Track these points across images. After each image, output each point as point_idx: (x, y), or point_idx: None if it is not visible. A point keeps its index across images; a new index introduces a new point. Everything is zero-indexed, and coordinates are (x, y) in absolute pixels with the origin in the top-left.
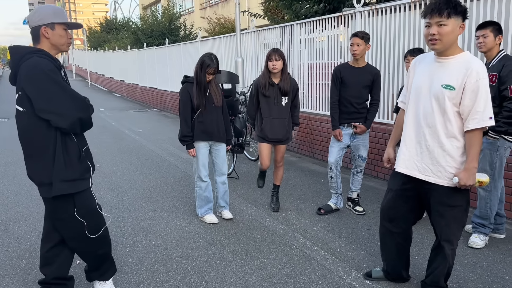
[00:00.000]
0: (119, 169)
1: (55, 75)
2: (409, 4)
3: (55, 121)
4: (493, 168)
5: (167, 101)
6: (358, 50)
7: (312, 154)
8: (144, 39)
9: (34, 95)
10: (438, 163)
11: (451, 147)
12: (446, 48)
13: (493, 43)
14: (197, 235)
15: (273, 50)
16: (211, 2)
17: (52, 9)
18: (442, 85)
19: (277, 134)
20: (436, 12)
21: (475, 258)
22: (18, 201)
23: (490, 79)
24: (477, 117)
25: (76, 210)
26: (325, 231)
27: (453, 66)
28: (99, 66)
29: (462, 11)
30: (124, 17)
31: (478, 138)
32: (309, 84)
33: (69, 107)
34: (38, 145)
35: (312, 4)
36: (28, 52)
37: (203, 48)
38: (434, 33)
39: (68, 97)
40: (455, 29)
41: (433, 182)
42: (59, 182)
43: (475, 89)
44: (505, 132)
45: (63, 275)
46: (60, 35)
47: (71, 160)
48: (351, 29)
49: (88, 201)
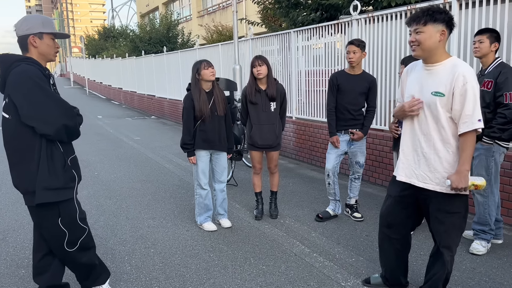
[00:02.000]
0: (118, 176)
1: (42, 82)
2: (405, 12)
3: (40, 128)
4: (489, 173)
5: (165, 109)
6: (354, 58)
7: (310, 161)
8: (142, 46)
9: (20, 101)
10: (435, 170)
11: (447, 153)
12: (427, 54)
13: (488, 49)
14: (196, 243)
15: (256, 57)
16: (209, 10)
17: (41, 19)
18: (432, 93)
19: (267, 140)
20: (413, 20)
21: (473, 263)
22: (16, 210)
23: (486, 85)
24: (467, 121)
25: (60, 220)
26: (323, 237)
27: (441, 72)
28: (97, 73)
29: (441, 18)
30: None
31: (470, 141)
32: (307, 91)
33: (54, 114)
34: (23, 153)
35: (309, 12)
36: (17, 60)
37: (201, 55)
38: (412, 40)
39: (54, 104)
40: (433, 35)
41: (431, 189)
42: (42, 190)
43: (463, 93)
44: (499, 138)
45: (57, 283)
46: (48, 44)
47: (55, 168)
48: (347, 36)
49: (72, 210)
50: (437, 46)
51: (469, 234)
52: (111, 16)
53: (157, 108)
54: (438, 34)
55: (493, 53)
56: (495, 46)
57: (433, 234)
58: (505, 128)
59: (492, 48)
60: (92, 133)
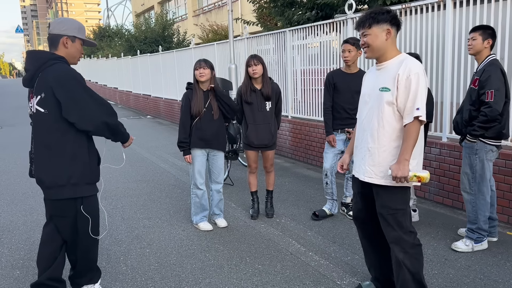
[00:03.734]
0: (113, 176)
1: (84, 82)
2: (399, 10)
3: (81, 124)
4: (473, 171)
5: (160, 108)
6: (349, 57)
7: (306, 160)
8: (138, 46)
9: (65, 99)
10: (379, 164)
11: (392, 148)
12: (377, 54)
13: (481, 46)
14: (191, 242)
15: (251, 56)
16: (204, 9)
17: (78, 24)
18: (380, 89)
19: (263, 140)
20: (359, 25)
21: (468, 261)
22: (11, 210)
23: (473, 82)
24: (410, 112)
25: (83, 207)
26: (319, 236)
27: (389, 69)
28: (92, 73)
29: (384, 18)
30: (117, 25)
31: (411, 131)
32: (303, 90)
33: (96, 112)
34: (56, 148)
35: (305, 11)
36: (52, 58)
37: (196, 55)
38: (362, 43)
39: (96, 102)
40: (378, 35)
41: (377, 183)
42: (84, 184)
43: (407, 85)
44: (482, 135)
45: (56, 277)
46: (77, 48)
47: (92, 164)
48: (343, 35)
49: (94, 199)
50: (385, 45)
51: (462, 232)
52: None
53: (152, 107)
54: (384, 33)
55: (487, 50)
56: (489, 42)
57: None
58: (486, 126)
59: (485, 44)
60: None
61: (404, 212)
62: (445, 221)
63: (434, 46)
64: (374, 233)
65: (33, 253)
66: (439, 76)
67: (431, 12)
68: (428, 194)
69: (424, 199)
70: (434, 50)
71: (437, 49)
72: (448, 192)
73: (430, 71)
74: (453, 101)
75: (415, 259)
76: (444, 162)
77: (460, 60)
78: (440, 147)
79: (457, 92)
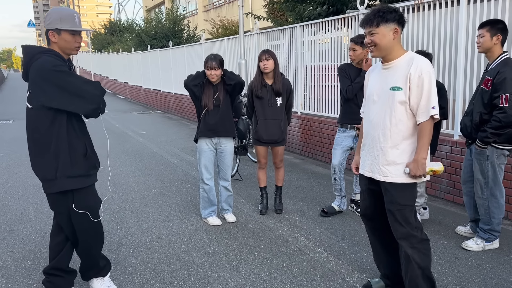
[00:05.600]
0: (123, 170)
1: (62, 68)
2: (412, 6)
3: (79, 109)
4: (485, 176)
5: (170, 103)
6: (354, 56)
7: (315, 156)
8: (148, 41)
9: (50, 93)
10: (394, 163)
11: (406, 146)
12: (384, 53)
13: (489, 43)
14: (200, 237)
15: (263, 51)
16: (215, 5)
17: (59, 14)
18: (391, 88)
19: (272, 135)
20: (366, 23)
21: (479, 260)
22: (23, 203)
23: (486, 83)
24: (424, 111)
25: (74, 205)
26: (328, 233)
27: (398, 67)
28: (103, 68)
29: (392, 18)
30: (128, 20)
31: (426, 129)
32: (312, 86)
33: (88, 90)
34: (42, 141)
35: (316, 6)
36: (39, 52)
37: (206, 50)
38: (368, 42)
39: (82, 81)
40: (386, 35)
41: (392, 181)
42: (64, 178)
43: (420, 84)
44: (494, 141)
45: (61, 267)
46: (65, 40)
47: (76, 157)
48: (354, 31)
49: (88, 196)
50: (392, 44)
51: (461, 230)
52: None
53: (162, 102)
54: (391, 32)
55: (497, 46)
56: (498, 38)
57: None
58: (499, 133)
59: (495, 41)
60: (98, 127)
61: (411, 208)
62: (455, 219)
63: (447, 43)
64: (383, 229)
65: (44, 245)
66: (451, 74)
67: (444, 8)
68: (438, 192)
69: (434, 197)
70: (447, 47)
71: (450, 46)
72: (459, 190)
73: (442, 68)
74: (465, 98)
75: (424, 254)
76: (456, 159)
77: (473, 57)
78: (452, 145)
79: (470, 89)
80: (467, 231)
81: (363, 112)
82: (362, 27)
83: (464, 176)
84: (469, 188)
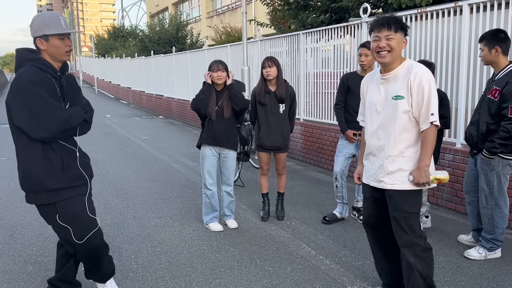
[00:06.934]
0: (125, 175)
1: (36, 87)
2: (415, 15)
3: (32, 134)
4: (490, 186)
5: (173, 109)
6: (366, 61)
7: (317, 163)
8: (151, 46)
9: (14, 106)
10: (401, 170)
11: (411, 154)
12: (393, 60)
13: (490, 56)
14: (202, 243)
15: (266, 58)
16: (218, 11)
17: (44, 19)
18: (393, 97)
19: (275, 142)
20: (385, 26)
21: (481, 269)
22: (24, 207)
23: (493, 93)
24: (426, 118)
25: (58, 216)
26: (330, 240)
27: (398, 76)
28: (106, 73)
29: (405, 27)
30: (132, 25)
31: (429, 137)
32: (315, 93)
33: (48, 117)
34: (18, 154)
35: (319, 14)
36: (26, 59)
37: (209, 56)
38: (384, 45)
39: (49, 107)
40: (400, 43)
41: (399, 189)
42: (43, 192)
43: (420, 91)
44: (501, 151)
45: (66, 279)
46: (54, 46)
47: (53, 170)
48: (357, 39)
49: (75, 207)
50: (400, 52)
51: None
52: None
53: (165, 108)
54: (402, 42)
55: (500, 57)
56: (497, 50)
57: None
58: (507, 144)
59: (494, 53)
60: (100, 132)
61: (416, 216)
62: (457, 228)
63: (449, 52)
64: (385, 237)
65: (46, 249)
66: (454, 82)
67: (447, 17)
68: (440, 200)
69: (436, 205)
70: (450, 55)
71: (453, 55)
72: (461, 198)
73: (445, 76)
74: (468, 107)
75: (426, 263)
76: (458, 168)
77: (476, 65)
78: (454, 153)
79: (472, 98)
80: (469, 240)
81: (363, 121)
82: (377, 30)
83: (467, 185)
84: (472, 198)
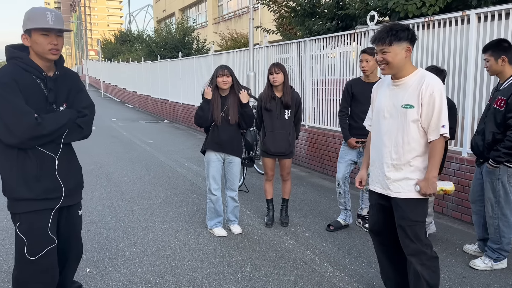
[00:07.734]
0: (130, 179)
1: (4, 88)
2: (422, 23)
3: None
4: (496, 196)
5: (178, 113)
6: (367, 66)
7: (322, 170)
8: (158, 51)
9: None
10: (407, 178)
11: (419, 163)
12: (395, 71)
13: (496, 66)
14: (206, 247)
15: (273, 64)
16: (225, 17)
17: (28, 14)
18: (402, 106)
19: (280, 148)
20: (379, 41)
21: (487, 279)
22: None
23: (499, 103)
24: (434, 129)
25: (18, 225)
26: (334, 247)
27: (409, 85)
28: (112, 77)
29: (405, 36)
30: (139, 30)
31: (437, 148)
32: (321, 100)
33: (14, 121)
34: None
35: (325, 21)
36: (10, 57)
37: (215, 61)
38: (380, 60)
39: (13, 113)
40: (398, 53)
41: (405, 197)
42: (11, 200)
43: (431, 102)
44: (507, 160)
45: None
46: (37, 42)
47: (25, 179)
48: (363, 46)
49: (37, 221)
50: (404, 62)
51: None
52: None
53: (170, 112)
54: (403, 51)
55: (506, 67)
56: (503, 59)
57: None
58: (511, 153)
59: (500, 63)
60: (106, 135)
61: (422, 225)
62: (463, 237)
63: (456, 60)
64: (390, 245)
65: None
66: (461, 91)
67: (454, 26)
68: (446, 209)
69: (442, 214)
70: (457, 64)
71: (460, 63)
72: (466, 208)
73: (452, 85)
74: (474, 115)
75: (433, 271)
76: (464, 177)
77: (483, 75)
78: (460, 162)
79: (479, 107)
80: (475, 249)
81: (370, 126)
82: (373, 44)
83: (474, 195)
84: (478, 207)
